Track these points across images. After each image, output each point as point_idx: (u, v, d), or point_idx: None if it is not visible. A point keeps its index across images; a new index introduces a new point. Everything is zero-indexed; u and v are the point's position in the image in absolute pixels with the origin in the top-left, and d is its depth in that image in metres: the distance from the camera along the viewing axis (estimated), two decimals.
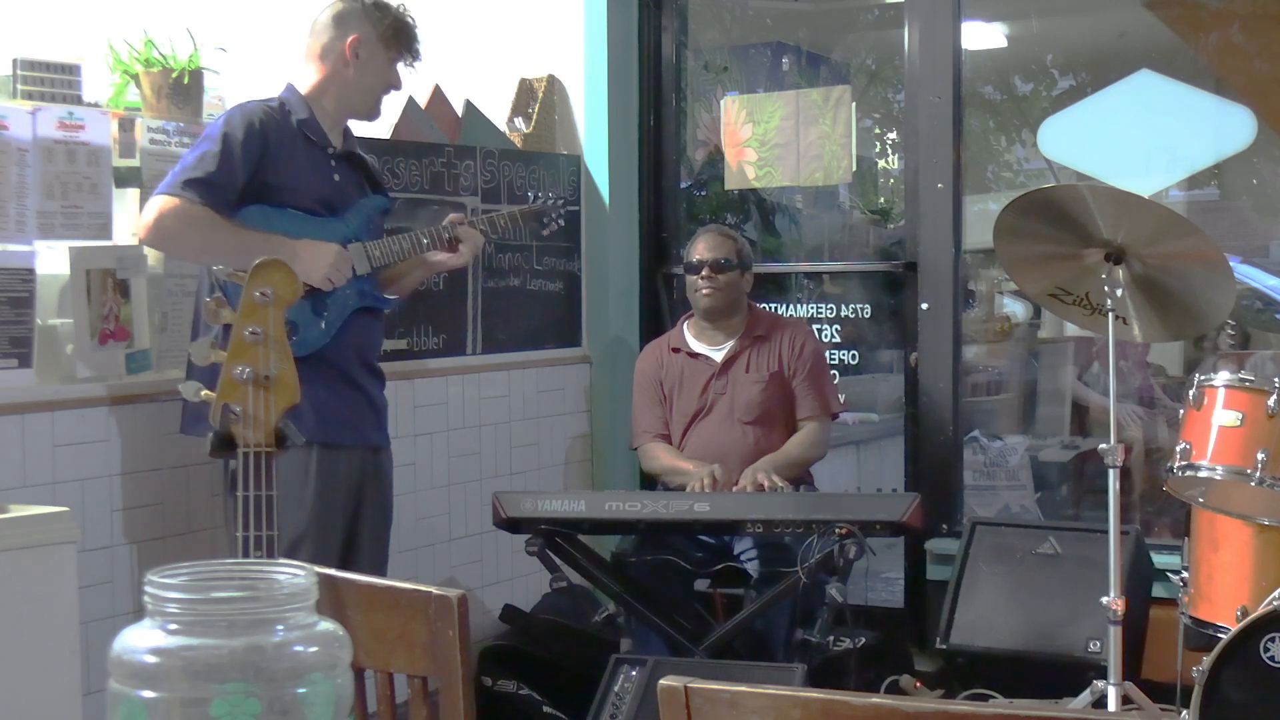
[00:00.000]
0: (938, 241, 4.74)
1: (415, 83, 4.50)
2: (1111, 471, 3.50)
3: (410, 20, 3.58)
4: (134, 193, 3.64)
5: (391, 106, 4.38)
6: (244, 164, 3.30)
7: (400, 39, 3.54)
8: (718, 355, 4.40)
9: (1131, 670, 3.71)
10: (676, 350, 4.46)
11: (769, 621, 3.90)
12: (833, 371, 4.80)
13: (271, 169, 3.36)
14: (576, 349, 5.07)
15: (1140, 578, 4.08)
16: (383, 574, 3.52)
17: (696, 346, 4.45)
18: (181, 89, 3.79)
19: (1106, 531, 3.52)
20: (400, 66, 3.58)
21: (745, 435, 4.31)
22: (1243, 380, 3.47)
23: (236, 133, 3.31)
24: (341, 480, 3.44)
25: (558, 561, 3.79)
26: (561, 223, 4.10)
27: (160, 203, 3.27)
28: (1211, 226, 4.13)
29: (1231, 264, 3.56)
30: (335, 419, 3.37)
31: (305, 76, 3.51)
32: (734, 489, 4.05)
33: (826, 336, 5.10)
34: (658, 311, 5.20)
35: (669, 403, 4.43)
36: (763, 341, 4.39)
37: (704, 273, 4.36)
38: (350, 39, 3.48)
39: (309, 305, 3.34)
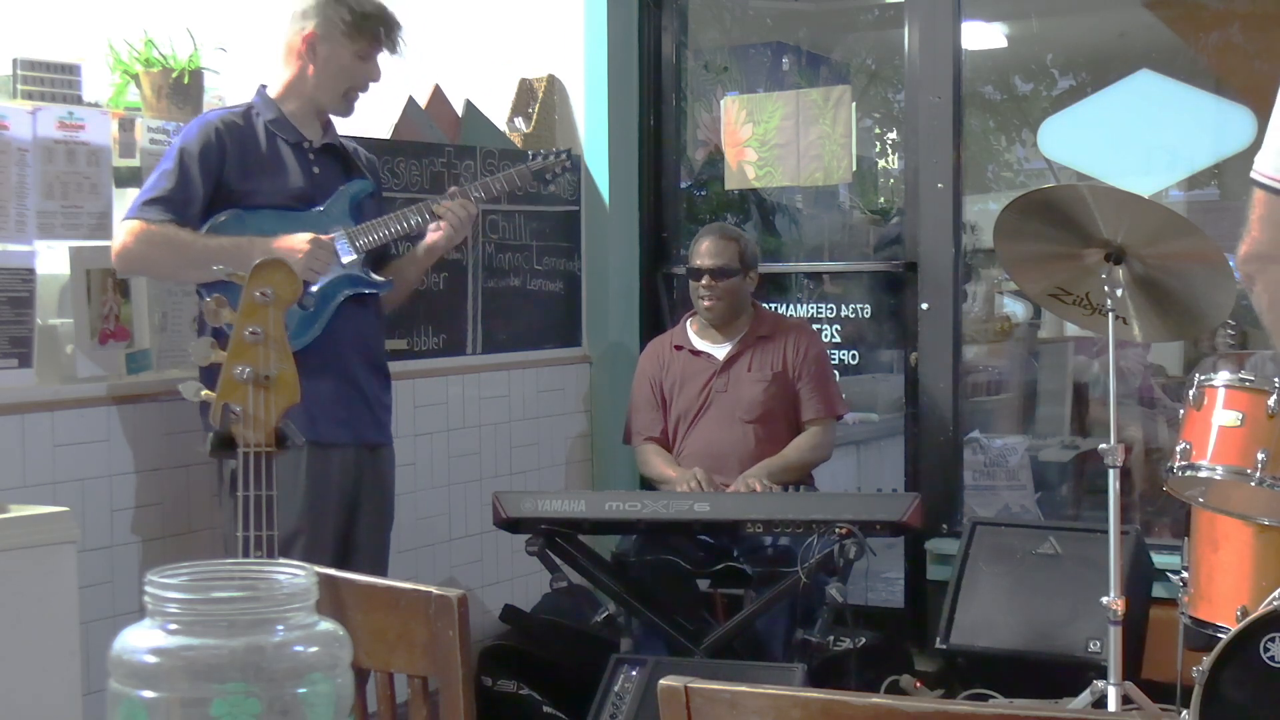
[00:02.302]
0: (938, 241, 4.74)
1: (415, 83, 4.51)
2: (1111, 471, 3.51)
3: (374, 7, 3.46)
4: (134, 193, 3.63)
5: (391, 106, 4.39)
6: (203, 176, 3.31)
7: (365, 31, 3.43)
8: (720, 353, 4.41)
9: (1131, 670, 3.71)
10: (679, 348, 4.47)
11: (769, 621, 3.90)
12: (834, 371, 4.80)
13: (237, 175, 3.36)
14: (576, 349, 5.07)
15: (1140, 578, 4.08)
16: (383, 573, 3.52)
17: (699, 344, 4.45)
18: (181, 89, 3.79)
19: (1106, 531, 3.52)
20: (374, 56, 3.47)
21: (746, 434, 4.30)
22: (1243, 380, 3.47)
23: (193, 146, 3.32)
24: (335, 478, 3.42)
25: (558, 561, 3.79)
26: (563, 171, 3.95)
27: (125, 228, 3.30)
28: (1211, 226, 4.12)
29: (1231, 264, 3.56)
30: (326, 416, 3.35)
31: (277, 76, 3.50)
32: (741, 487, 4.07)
33: (826, 336, 5.10)
34: (658, 311, 5.20)
35: (669, 402, 4.43)
36: (766, 341, 4.39)
37: (704, 281, 4.34)
38: (305, 33, 3.43)
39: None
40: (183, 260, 3.31)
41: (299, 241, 3.30)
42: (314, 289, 3.36)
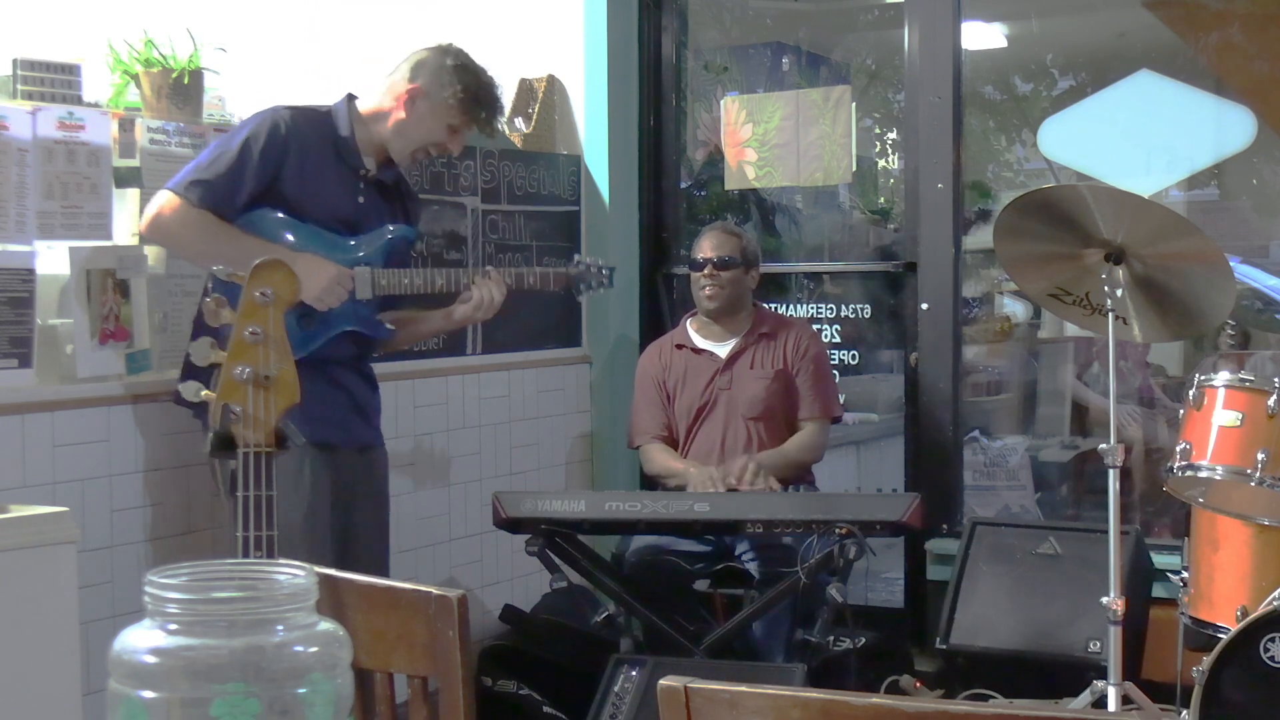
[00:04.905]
0: (938, 241, 4.74)
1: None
2: (1111, 471, 3.50)
3: (489, 94, 3.49)
4: (134, 193, 3.63)
5: None
6: (258, 171, 3.29)
7: (468, 109, 3.46)
8: (722, 351, 4.41)
9: (1131, 670, 3.71)
10: (680, 346, 4.47)
11: (769, 621, 3.90)
12: (834, 372, 4.80)
13: (292, 178, 3.34)
14: (576, 349, 5.07)
15: (1140, 578, 4.08)
16: (384, 573, 3.51)
17: (701, 342, 4.45)
18: (181, 89, 3.79)
19: (1106, 531, 3.52)
20: (464, 132, 3.51)
21: (749, 432, 4.31)
22: (1243, 380, 3.47)
23: (259, 138, 3.30)
24: (332, 480, 3.41)
25: (558, 561, 3.79)
26: (599, 285, 3.89)
27: (162, 199, 3.29)
28: (1211, 226, 4.13)
29: (1231, 264, 3.56)
30: (322, 418, 3.32)
31: (370, 95, 3.49)
32: (732, 476, 4.06)
33: (826, 336, 5.10)
34: (658, 311, 5.20)
35: (672, 401, 4.43)
36: (768, 339, 4.40)
37: (706, 270, 4.37)
38: (411, 87, 3.44)
39: (294, 316, 3.28)
40: (212, 249, 3.26)
41: (325, 271, 3.29)
42: (318, 315, 3.34)
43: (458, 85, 3.43)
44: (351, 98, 3.50)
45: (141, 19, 3.88)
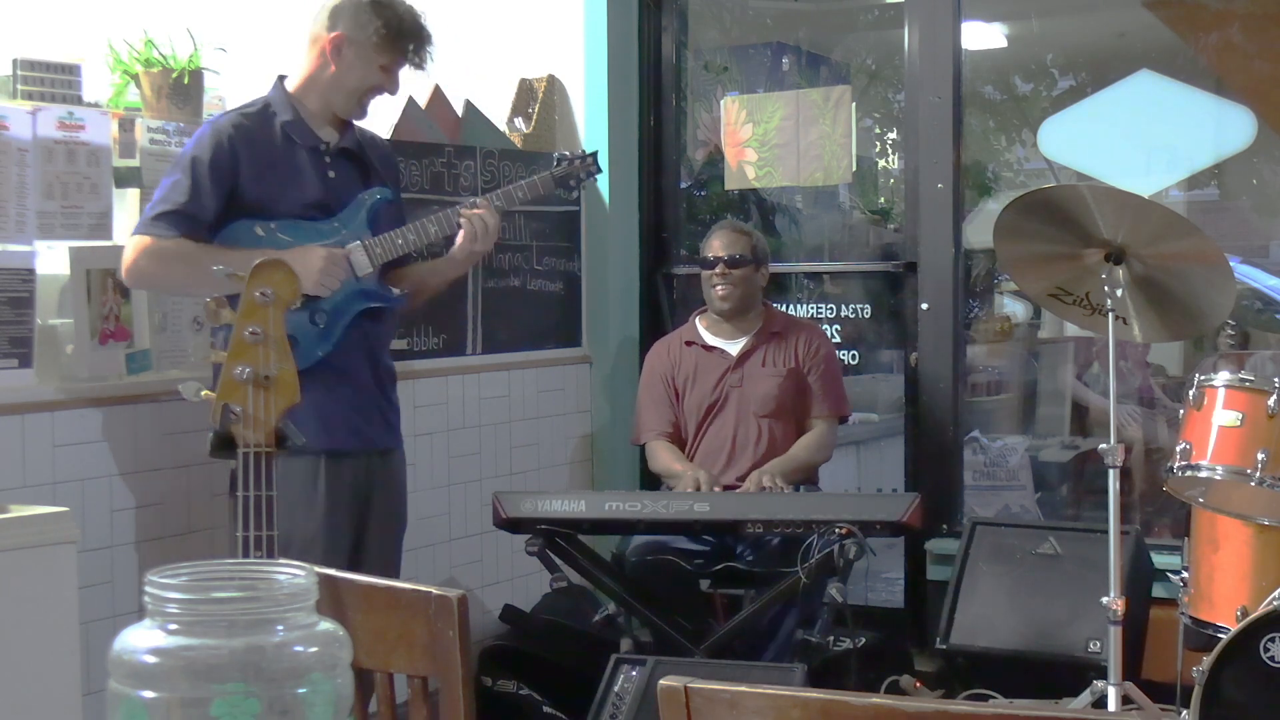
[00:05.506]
0: (938, 241, 4.74)
1: (415, 83, 4.51)
2: (1111, 471, 3.50)
3: (411, 24, 3.40)
4: (134, 193, 3.63)
5: (391, 106, 4.39)
6: (215, 187, 3.24)
7: (395, 46, 3.38)
8: (733, 349, 4.42)
9: (1131, 670, 3.71)
10: (690, 344, 4.47)
11: (769, 621, 3.90)
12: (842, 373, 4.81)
13: (250, 183, 3.28)
14: (576, 349, 5.07)
15: (1140, 578, 4.08)
16: (393, 578, 3.49)
17: (711, 340, 4.46)
18: (181, 89, 3.79)
19: (1106, 531, 3.52)
20: (397, 70, 3.43)
21: (760, 430, 4.32)
22: (1243, 380, 3.47)
23: (204, 155, 3.24)
24: (349, 485, 3.37)
25: (558, 561, 3.79)
26: (588, 176, 3.81)
27: (134, 243, 3.23)
28: (1211, 226, 4.13)
29: (1231, 264, 3.56)
30: (341, 425, 3.30)
31: (297, 70, 3.42)
32: (738, 492, 4.08)
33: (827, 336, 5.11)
34: (658, 311, 5.20)
35: (681, 398, 4.43)
36: (779, 339, 4.41)
37: (718, 269, 4.36)
38: (333, 35, 3.35)
39: (305, 315, 3.24)
40: (195, 276, 3.19)
41: (314, 257, 3.21)
42: (326, 305, 3.29)
43: (378, 22, 3.34)
44: (281, 79, 3.43)
45: (141, 19, 3.88)
